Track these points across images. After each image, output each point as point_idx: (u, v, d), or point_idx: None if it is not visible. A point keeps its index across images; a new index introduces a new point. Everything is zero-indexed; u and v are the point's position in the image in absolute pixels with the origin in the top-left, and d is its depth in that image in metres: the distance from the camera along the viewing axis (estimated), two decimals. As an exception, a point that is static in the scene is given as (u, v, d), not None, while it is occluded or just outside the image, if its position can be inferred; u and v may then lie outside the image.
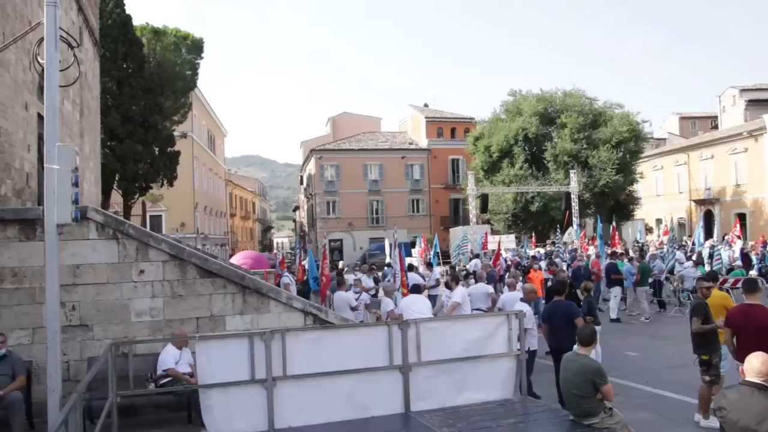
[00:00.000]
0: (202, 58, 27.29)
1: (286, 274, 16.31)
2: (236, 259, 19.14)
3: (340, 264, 23.60)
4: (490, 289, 11.79)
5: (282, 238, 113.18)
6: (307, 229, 63.16)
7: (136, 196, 23.85)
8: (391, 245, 27.64)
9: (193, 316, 8.80)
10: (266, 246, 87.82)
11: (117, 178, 21.85)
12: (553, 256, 23.75)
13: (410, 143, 56.42)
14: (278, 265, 20.95)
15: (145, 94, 21.95)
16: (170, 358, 8.04)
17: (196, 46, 26.94)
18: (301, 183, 69.70)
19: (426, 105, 61.07)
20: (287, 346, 6.23)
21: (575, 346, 6.00)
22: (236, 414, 6.07)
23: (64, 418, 4.62)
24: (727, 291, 13.93)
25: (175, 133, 25.93)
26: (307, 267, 17.05)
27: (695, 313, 7.58)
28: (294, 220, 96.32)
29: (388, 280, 16.37)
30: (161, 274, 8.72)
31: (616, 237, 27.93)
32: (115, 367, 6.29)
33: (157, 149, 23.06)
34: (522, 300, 9.42)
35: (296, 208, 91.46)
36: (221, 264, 9.63)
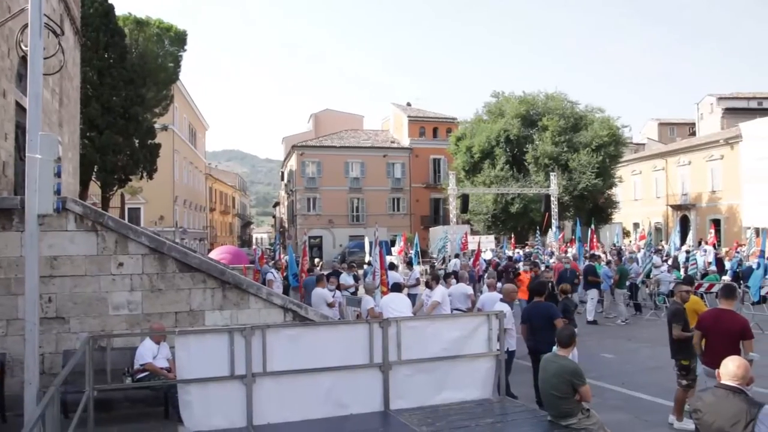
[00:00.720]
0: (185, 50, 27.04)
1: (271, 270, 16.13)
2: (215, 254, 19.04)
3: (315, 261, 23.53)
4: (470, 290, 11.82)
5: (261, 234, 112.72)
6: (286, 225, 62.95)
7: (115, 188, 23.57)
8: (371, 243, 27.67)
9: (171, 310, 8.72)
10: (245, 241, 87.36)
11: (96, 170, 21.55)
12: (532, 258, 23.94)
13: (392, 142, 56.47)
14: (257, 260, 20.90)
15: (127, 85, 21.68)
16: (148, 352, 7.96)
17: (180, 39, 26.67)
18: (282, 179, 69.45)
19: (409, 104, 61.14)
20: (267, 343, 6.21)
21: (554, 347, 6.05)
22: (215, 410, 6.03)
23: (41, 412, 4.55)
24: (701, 296, 14.16)
25: (156, 126, 25.64)
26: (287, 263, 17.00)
27: (675, 318, 7.68)
28: (274, 216, 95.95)
29: (368, 278, 16.39)
30: (140, 267, 8.63)
31: (595, 240, 28.25)
32: (93, 360, 6.21)
33: (137, 141, 22.78)
34: (502, 300, 9.48)
35: (276, 204, 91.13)
36: (201, 258, 9.57)
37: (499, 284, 16.64)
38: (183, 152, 45.23)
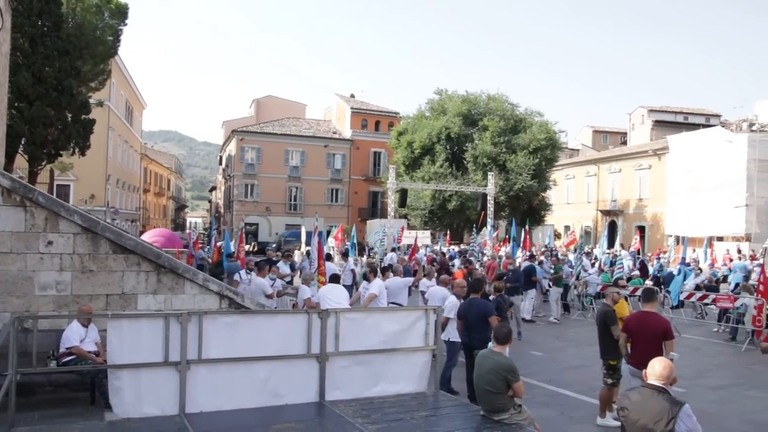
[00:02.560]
0: (125, 24, 25.97)
1: (240, 272, 14.11)
2: (147, 237, 18.53)
3: (252, 245, 23.18)
4: (409, 280, 11.93)
5: (196, 218, 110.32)
6: (222, 211, 61.80)
7: (44, 163, 22.48)
8: (308, 233, 27.49)
9: (102, 292, 8.43)
10: (179, 225, 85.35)
11: (23, 142, 20.51)
12: (467, 255, 24.33)
13: (334, 132, 56.22)
14: (191, 245, 20.45)
15: (61, 56, 20.63)
16: (75, 335, 7.67)
17: (120, 12, 25.60)
18: (220, 163, 68.09)
19: (352, 96, 60.98)
20: (204, 329, 6.10)
21: (490, 344, 6.18)
22: (146, 396, 5.88)
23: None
24: (625, 298, 14.76)
25: (91, 101, 24.52)
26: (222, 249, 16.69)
27: (610, 320, 7.96)
28: (210, 201, 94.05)
29: (304, 268, 16.30)
30: (71, 246, 8.29)
31: (528, 240, 28.99)
32: (17, 342, 5.94)
33: (70, 115, 21.74)
34: (452, 293, 9.64)
35: (213, 189, 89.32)
36: (137, 240, 9.28)
37: (433, 280, 16.91)
38: (118, 130, 43.65)
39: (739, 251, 28.24)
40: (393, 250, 26.98)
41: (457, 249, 30.26)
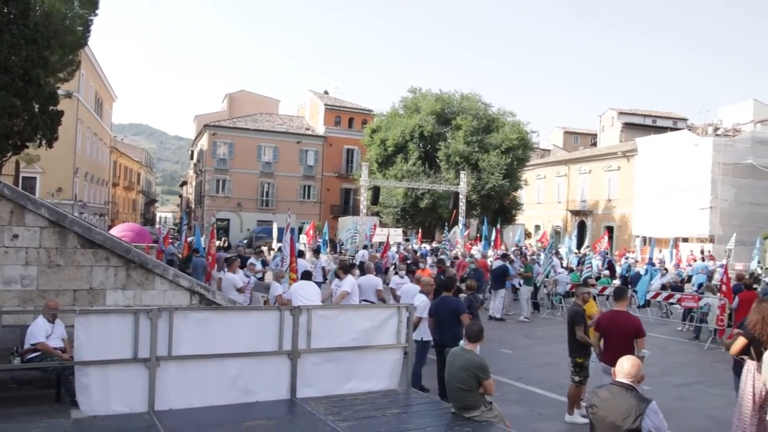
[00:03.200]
0: (96, 14, 25.42)
1: (224, 271, 12.90)
2: (116, 231, 18.24)
3: (223, 240, 22.95)
4: (380, 283, 11.90)
5: (166, 213, 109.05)
6: (193, 206, 61.14)
7: (9, 155, 21.97)
8: (280, 229, 27.35)
9: (70, 288, 8.28)
10: (149, 219, 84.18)
11: (-13, 133, 20.01)
12: (439, 253, 24.46)
13: (307, 129, 55.98)
14: (161, 240, 20.21)
15: (28, 44, 20.13)
16: (41, 331, 7.52)
17: (91, 1, 25.08)
18: (192, 158, 67.36)
19: (326, 92, 60.78)
20: (174, 326, 6.03)
21: (462, 341, 6.23)
22: (114, 394, 5.78)
23: None
24: (594, 297, 15.00)
25: (60, 92, 24.00)
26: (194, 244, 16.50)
27: (578, 320, 8.07)
28: (180, 196, 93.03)
29: (276, 264, 16.21)
30: (38, 240, 8.13)
31: (499, 239, 29.24)
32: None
33: (37, 106, 21.23)
34: (420, 292, 9.66)
35: (184, 183, 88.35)
36: (105, 235, 9.13)
37: (406, 278, 16.91)
38: (87, 122, 42.83)
39: (702, 252, 28.88)
40: (365, 247, 26.98)
41: (428, 247, 30.39)
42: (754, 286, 14.85)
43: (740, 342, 6.66)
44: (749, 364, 6.60)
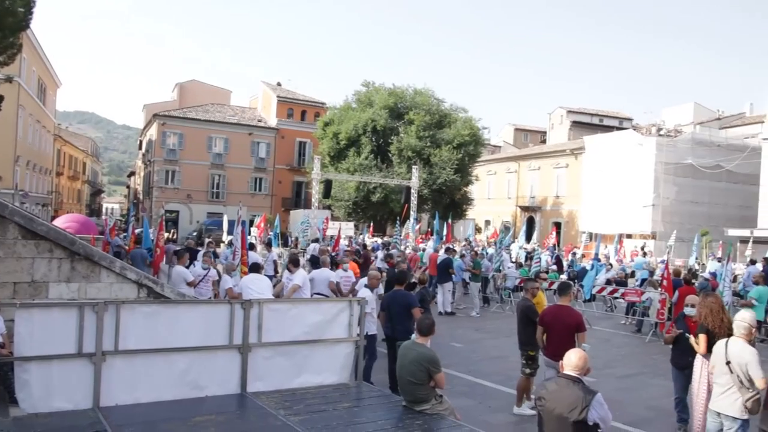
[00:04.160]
0: (38, -4, 24.62)
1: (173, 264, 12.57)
2: (60, 222, 17.58)
3: (171, 232, 22.48)
4: (333, 277, 11.85)
5: (113, 204, 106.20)
6: (141, 197, 59.70)
7: (-57, 141, 21.06)
8: (230, 222, 26.95)
9: (10, 280, 7.96)
10: (94, 210, 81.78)
11: None
12: (390, 248, 24.51)
13: (259, 120, 55.29)
14: (108, 232, 19.68)
15: (-35, 26, 19.40)
16: (-22, 326, 7.23)
17: (32, -17, 24.21)
18: (140, 148, 65.71)
19: (279, 84, 60.12)
20: (121, 319, 5.87)
21: (413, 335, 6.27)
22: (57, 390, 5.59)
23: None
24: (543, 291, 15.32)
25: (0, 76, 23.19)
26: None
27: (533, 315, 8.21)
28: (128, 186, 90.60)
29: (226, 258, 15.97)
30: (-25, 231, 7.79)
31: (450, 234, 29.53)
32: None
33: (-27, 90, 20.48)
34: (366, 286, 9.65)
35: (131, 174, 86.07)
36: (49, 226, 8.80)
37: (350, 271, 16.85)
38: (29, 108, 41.23)
39: (643, 248, 29.83)
40: (315, 240, 26.85)
41: (380, 241, 30.46)
42: (692, 281, 15.45)
43: (703, 339, 6.79)
44: (700, 358, 6.83)
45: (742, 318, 6.03)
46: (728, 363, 5.86)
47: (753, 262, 19.34)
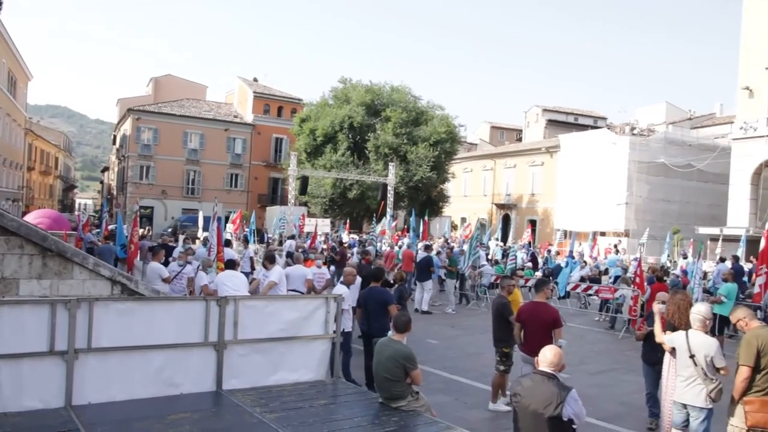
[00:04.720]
0: (7, -13, 24.15)
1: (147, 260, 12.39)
2: (31, 218, 17.24)
3: (147, 229, 22.22)
4: (309, 273, 11.82)
5: (86, 200, 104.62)
6: (115, 193, 58.91)
7: None
8: (206, 218, 26.72)
9: (-22, 277, 7.81)
10: (67, 206, 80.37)
11: None
12: (366, 244, 24.52)
13: (235, 116, 54.86)
14: (80, 227, 19.37)
15: (-68, 17, 18.98)
16: (-54, 323, 7.06)
17: (2, -27, 23.74)
18: (114, 143, 64.86)
19: (255, 79, 59.70)
20: (94, 317, 5.80)
21: (390, 332, 6.28)
22: (28, 389, 5.50)
23: None
24: (519, 288, 15.46)
25: (-34, 68, 22.66)
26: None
27: (508, 313, 8.27)
28: (101, 182, 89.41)
29: (198, 257, 15.80)
30: (-58, 227, 7.62)
31: (426, 231, 29.61)
32: None
33: (-60, 83, 20.03)
34: (341, 283, 9.64)
35: (105, 169, 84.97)
36: (19, 221, 8.63)
37: (332, 267, 16.84)
38: (-1, 101, 40.45)
39: (616, 246, 30.23)
40: (291, 237, 26.74)
41: (357, 238, 30.45)
42: (664, 278, 15.69)
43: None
44: (668, 356, 6.93)
45: (698, 311, 6.17)
46: (692, 357, 5.98)
47: (722, 260, 19.71)
